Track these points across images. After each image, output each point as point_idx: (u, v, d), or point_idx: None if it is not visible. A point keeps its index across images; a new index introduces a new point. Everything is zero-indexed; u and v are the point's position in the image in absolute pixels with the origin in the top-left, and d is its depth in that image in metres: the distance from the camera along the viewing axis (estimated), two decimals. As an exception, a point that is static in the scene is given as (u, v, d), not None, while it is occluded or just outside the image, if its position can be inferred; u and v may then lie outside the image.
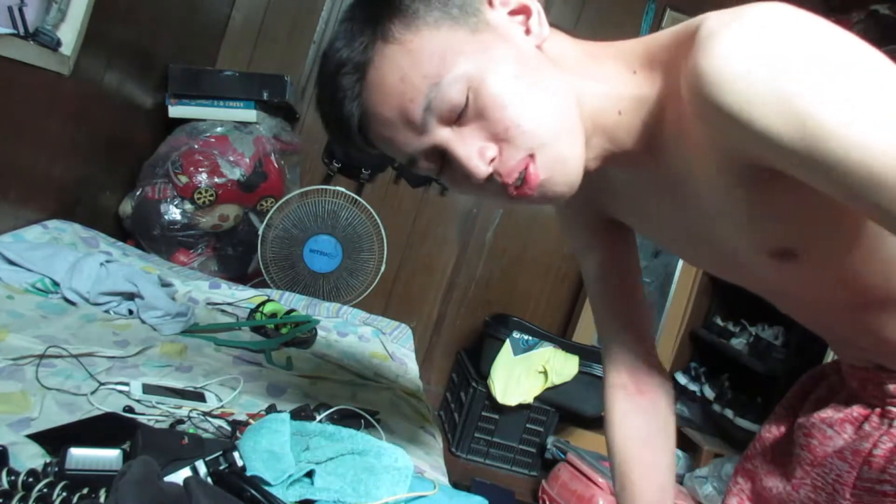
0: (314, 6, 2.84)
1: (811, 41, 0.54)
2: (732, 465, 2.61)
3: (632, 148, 0.71)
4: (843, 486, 0.70)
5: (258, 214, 2.45)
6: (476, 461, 2.76)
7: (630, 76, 0.69)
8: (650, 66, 0.68)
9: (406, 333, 2.07)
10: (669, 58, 0.66)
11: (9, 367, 1.06)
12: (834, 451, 0.73)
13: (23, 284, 1.43)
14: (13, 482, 0.73)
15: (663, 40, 0.67)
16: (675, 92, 0.64)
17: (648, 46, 0.69)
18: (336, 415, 1.18)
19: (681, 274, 2.98)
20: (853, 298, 0.67)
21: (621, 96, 0.69)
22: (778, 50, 0.53)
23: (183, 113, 2.39)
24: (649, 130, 0.69)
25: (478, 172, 0.68)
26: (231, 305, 1.82)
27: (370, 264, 2.58)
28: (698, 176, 0.66)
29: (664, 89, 0.66)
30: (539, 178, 0.67)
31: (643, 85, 0.68)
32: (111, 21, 1.82)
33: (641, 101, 0.68)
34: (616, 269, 0.96)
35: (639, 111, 0.69)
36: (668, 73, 0.66)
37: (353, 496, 0.94)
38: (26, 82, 1.55)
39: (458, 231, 3.05)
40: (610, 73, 0.70)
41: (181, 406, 1.10)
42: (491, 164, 0.68)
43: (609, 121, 0.70)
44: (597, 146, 0.72)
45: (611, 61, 0.70)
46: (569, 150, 0.68)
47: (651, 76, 0.68)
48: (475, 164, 0.68)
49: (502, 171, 0.68)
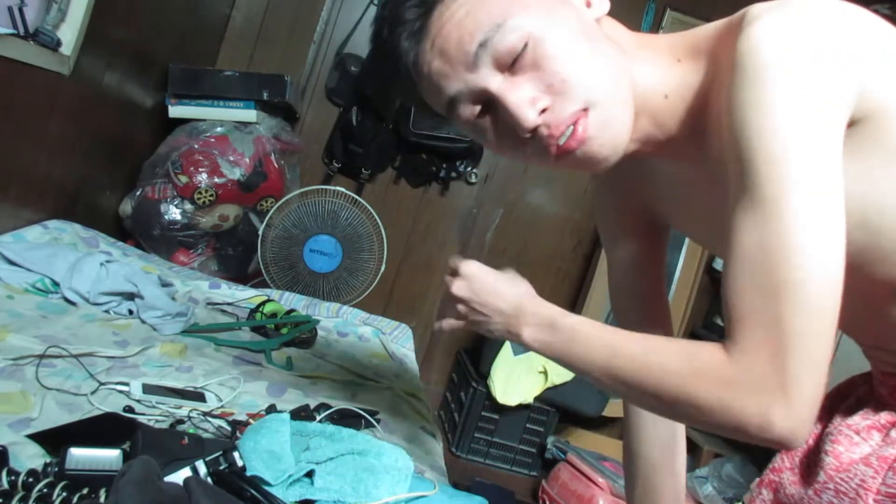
0: (314, 6, 2.83)
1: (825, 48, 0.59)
2: (732, 465, 2.61)
3: (676, 133, 0.73)
4: (866, 492, 0.70)
5: (258, 214, 2.45)
6: (476, 461, 2.76)
7: (675, 64, 0.71)
8: (694, 55, 0.70)
9: (406, 333, 2.07)
10: (713, 48, 0.68)
11: (9, 367, 1.06)
12: (860, 458, 0.72)
13: (23, 284, 1.43)
14: (13, 482, 0.72)
15: (708, 31, 0.70)
16: (719, 81, 0.65)
17: (693, 37, 0.72)
18: (336, 415, 1.18)
19: (681, 274, 2.98)
20: (877, 292, 0.67)
21: (667, 81, 0.71)
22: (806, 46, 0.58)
23: (183, 113, 2.39)
24: (693, 117, 0.71)
25: (526, 121, 0.68)
26: (231, 305, 1.82)
27: (370, 264, 2.58)
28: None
29: (708, 77, 0.69)
30: (587, 133, 0.68)
31: (688, 72, 0.70)
32: (111, 21, 1.82)
33: (686, 87, 0.70)
34: (646, 266, 0.96)
35: (684, 97, 0.71)
36: (711, 62, 0.68)
37: (353, 496, 0.94)
38: (26, 82, 1.55)
39: (458, 231, 3.05)
40: (657, 60, 0.72)
41: (181, 406, 1.10)
42: (541, 116, 0.68)
43: (656, 103, 0.72)
44: (643, 127, 0.73)
45: (657, 51, 0.73)
46: (620, 116, 0.69)
47: (695, 65, 0.70)
48: (525, 112, 0.67)
49: (551, 123, 0.68)
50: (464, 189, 3.01)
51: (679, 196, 0.82)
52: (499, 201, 3.03)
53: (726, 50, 0.64)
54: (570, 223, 3.07)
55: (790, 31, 0.59)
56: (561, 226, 3.07)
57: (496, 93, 0.69)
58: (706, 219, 0.80)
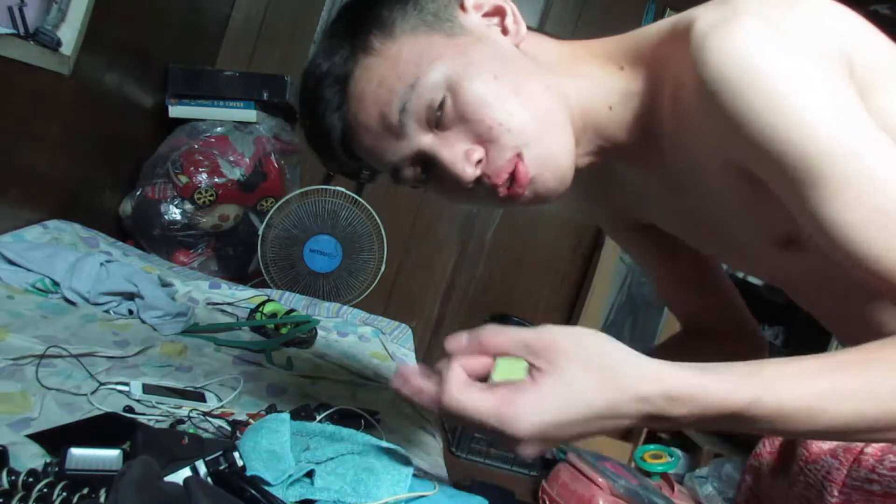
0: (314, 6, 2.83)
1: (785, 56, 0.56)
2: (732, 465, 2.61)
3: (626, 141, 0.71)
4: (831, 484, 0.71)
5: (258, 214, 2.45)
6: (476, 461, 2.76)
7: (617, 72, 0.70)
8: (637, 61, 0.69)
9: (406, 333, 2.07)
10: (658, 53, 0.66)
11: (9, 367, 1.06)
12: (828, 450, 0.73)
13: (23, 284, 1.43)
14: (13, 482, 0.72)
15: (650, 36, 0.68)
16: (668, 86, 0.64)
17: (635, 42, 0.69)
18: (336, 415, 1.18)
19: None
20: (858, 286, 0.67)
21: (610, 91, 0.70)
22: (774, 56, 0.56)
23: (183, 113, 2.39)
24: (642, 123, 0.69)
25: (465, 176, 0.67)
26: (231, 305, 1.82)
27: (370, 264, 2.58)
28: (703, 169, 0.66)
29: (653, 83, 0.67)
30: (529, 175, 0.67)
31: (631, 80, 0.69)
32: (111, 21, 1.82)
33: (631, 95, 0.69)
34: (668, 241, 0.92)
35: (629, 105, 0.69)
36: (657, 67, 0.67)
37: (353, 496, 0.94)
38: (26, 82, 1.55)
39: (458, 231, 3.05)
40: (595, 71, 0.70)
41: (181, 406, 1.10)
42: (478, 167, 0.67)
43: (600, 116, 0.70)
44: (590, 142, 0.72)
45: (595, 59, 0.71)
46: (556, 147, 0.68)
47: (639, 71, 0.68)
48: (461, 168, 0.67)
49: (490, 173, 0.67)
50: (464, 189, 3.01)
51: (650, 197, 0.81)
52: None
53: (674, 56, 0.62)
54: (570, 224, 3.07)
55: (763, 30, 0.57)
56: (561, 226, 3.07)
57: (430, 152, 0.68)
58: (680, 217, 0.80)
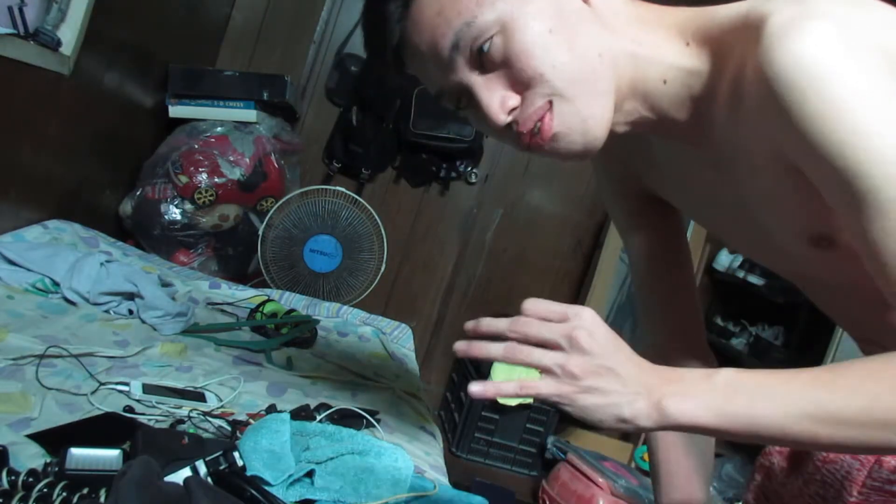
0: (314, 6, 2.83)
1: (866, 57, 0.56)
2: (732, 465, 2.61)
3: (677, 118, 0.71)
4: (851, 483, 0.70)
5: (258, 214, 2.45)
6: (476, 461, 2.76)
7: (682, 47, 0.69)
8: (704, 41, 0.68)
9: (406, 333, 2.07)
10: (727, 38, 0.66)
11: (9, 367, 1.06)
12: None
13: (23, 284, 1.43)
14: (13, 482, 0.73)
15: (720, 19, 0.67)
16: (729, 72, 0.64)
17: (705, 22, 0.69)
18: (336, 415, 1.18)
19: (681, 274, 2.97)
20: (875, 287, 0.67)
21: (669, 65, 0.69)
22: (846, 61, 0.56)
23: (183, 113, 2.39)
24: (698, 105, 0.69)
25: (498, 121, 0.69)
26: (231, 305, 1.82)
27: (370, 264, 2.58)
28: (748, 159, 0.66)
29: (716, 66, 0.67)
30: (553, 130, 0.68)
31: (695, 58, 0.68)
32: (111, 21, 1.82)
33: (691, 74, 0.68)
34: (662, 254, 0.93)
35: (687, 83, 0.69)
36: (723, 52, 0.66)
37: (353, 496, 0.94)
38: (26, 82, 1.55)
39: (458, 231, 3.05)
40: (661, 41, 0.70)
41: (181, 406, 1.10)
42: (511, 114, 0.69)
43: (651, 88, 0.70)
44: (631, 111, 0.72)
45: (665, 30, 0.70)
46: (589, 110, 0.68)
47: (703, 51, 0.68)
48: (495, 113, 0.69)
49: (520, 120, 0.69)
50: (464, 189, 3.01)
51: (679, 177, 0.80)
52: (499, 201, 3.03)
53: (741, 45, 0.62)
54: (570, 223, 3.07)
55: (840, 36, 0.56)
56: (561, 226, 3.07)
57: (471, 90, 0.70)
58: (707, 202, 0.79)
